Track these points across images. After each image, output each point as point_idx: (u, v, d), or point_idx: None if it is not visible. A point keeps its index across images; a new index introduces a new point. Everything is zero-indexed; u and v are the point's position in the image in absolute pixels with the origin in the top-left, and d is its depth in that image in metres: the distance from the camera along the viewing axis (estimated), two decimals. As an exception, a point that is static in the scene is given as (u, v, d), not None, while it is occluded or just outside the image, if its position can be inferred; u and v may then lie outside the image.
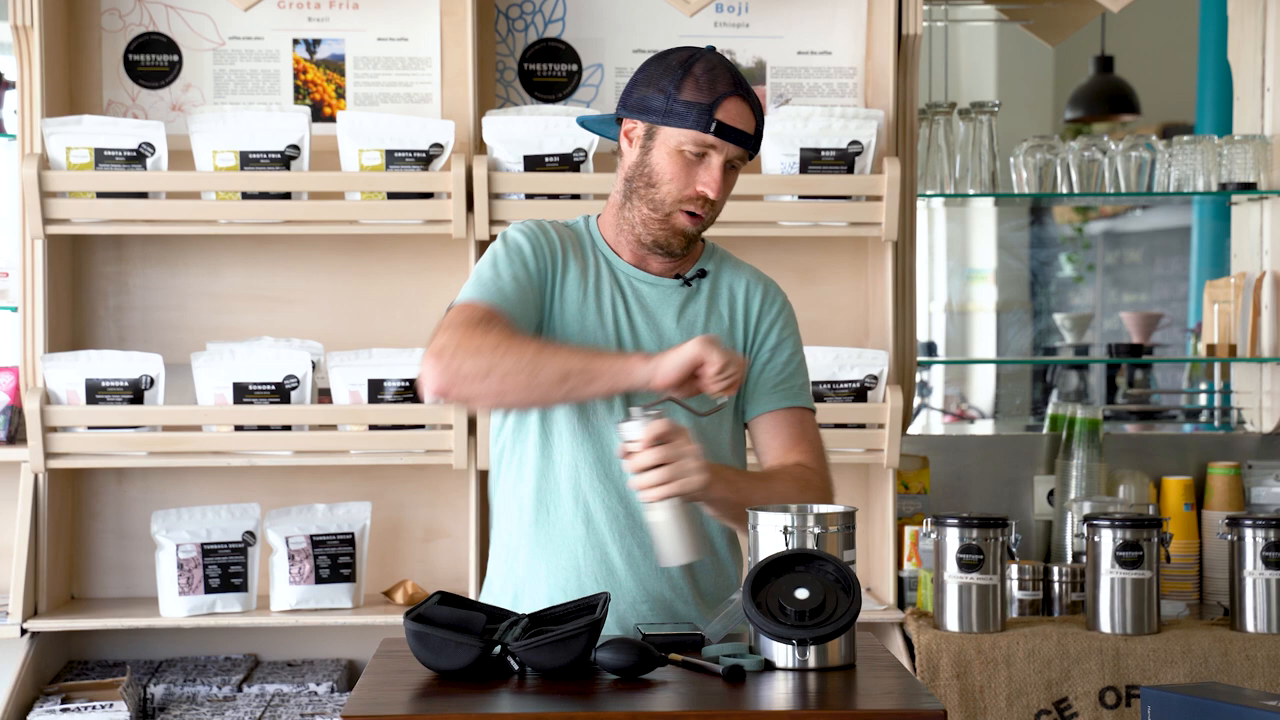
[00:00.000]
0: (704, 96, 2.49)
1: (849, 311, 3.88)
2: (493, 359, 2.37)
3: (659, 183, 2.53)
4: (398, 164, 3.56)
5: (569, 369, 2.38)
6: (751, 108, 2.53)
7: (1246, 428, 4.31)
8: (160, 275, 3.79)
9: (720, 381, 2.36)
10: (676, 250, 2.58)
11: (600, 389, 2.41)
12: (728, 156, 2.52)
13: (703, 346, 2.35)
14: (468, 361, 2.38)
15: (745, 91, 2.53)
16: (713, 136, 2.49)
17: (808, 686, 2.16)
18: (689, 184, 2.52)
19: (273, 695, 3.56)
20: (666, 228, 2.55)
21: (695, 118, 2.49)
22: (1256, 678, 3.35)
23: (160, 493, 3.78)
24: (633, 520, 2.55)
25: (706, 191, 2.52)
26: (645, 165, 2.55)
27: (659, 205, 2.54)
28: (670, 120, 2.51)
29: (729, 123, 2.50)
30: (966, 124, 4.08)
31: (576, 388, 2.40)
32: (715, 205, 2.56)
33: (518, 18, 3.85)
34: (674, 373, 2.36)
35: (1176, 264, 8.63)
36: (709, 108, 2.49)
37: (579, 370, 2.39)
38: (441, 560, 3.81)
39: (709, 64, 2.53)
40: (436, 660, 2.18)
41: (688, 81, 2.51)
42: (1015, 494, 4.05)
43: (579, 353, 2.43)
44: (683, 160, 2.52)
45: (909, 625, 3.51)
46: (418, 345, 3.61)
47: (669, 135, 2.52)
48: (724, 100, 2.50)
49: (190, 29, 3.79)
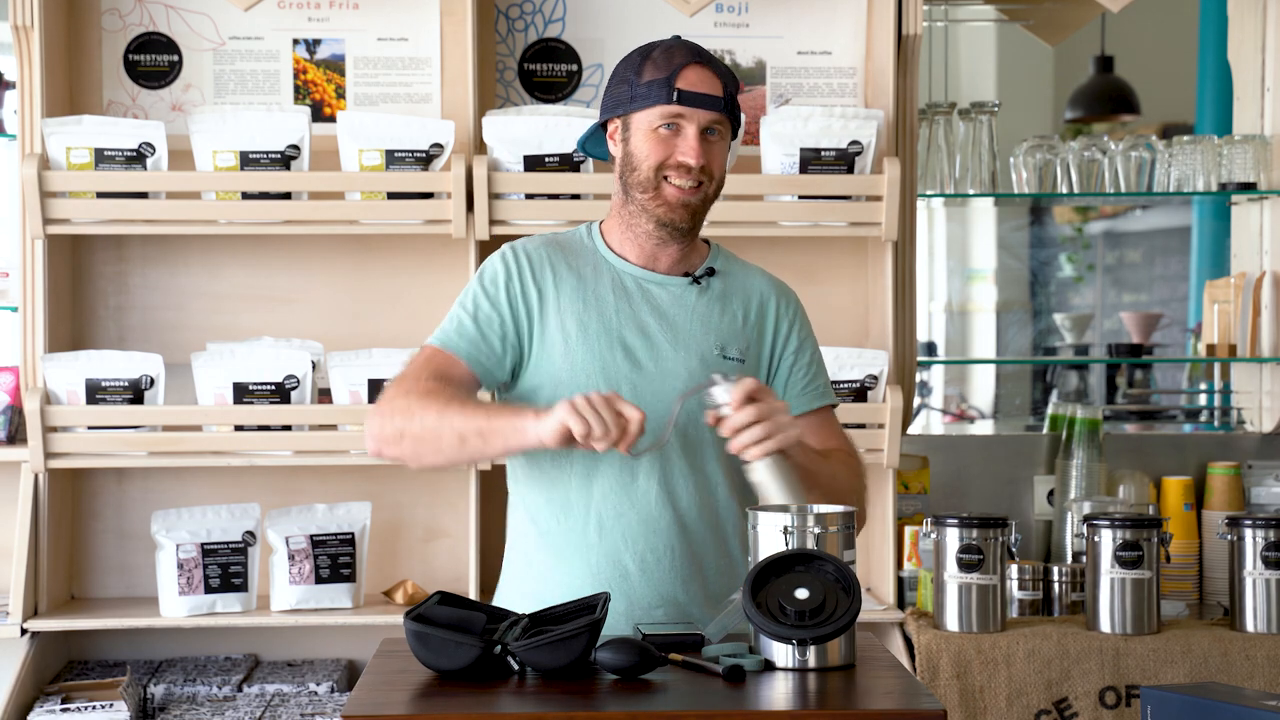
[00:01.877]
0: (662, 71, 2.56)
1: (849, 311, 3.87)
2: (404, 423, 2.50)
3: (639, 164, 2.58)
4: (398, 164, 3.56)
5: (465, 432, 2.47)
6: (716, 73, 2.58)
7: (1246, 428, 4.31)
8: (160, 275, 3.79)
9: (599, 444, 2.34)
10: (681, 225, 2.60)
11: (496, 449, 2.49)
12: (701, 123, 2.56)
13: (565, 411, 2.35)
14: (389, 423, 2.51)
15: (706, 60, 2.58)
16: (677, 105, 2.54)
17: (808, 686, 2.16)
18: (669, 154, 2.57)
19: (273, 695, 3.56)
20: (660, 202, 2.58)
21: (657, 93, 2.55)
22: (1256, 678, 3.35)
23: (160, 493, 3.78)
24: (645, 525, 2.57)
25: (686, 159, 2.55)
26: (628, 155, 2.60)
27: (646, 183, 2.58)
28: (637, 104, 2.57)
29: (690, 89, 2.55)
30: (966, 124, 4.08)
31: (478, 448, 2.48)
32: (707, 174, 2.58)
33: (518, 18, 3.85)
34: (548, 437, 2.38)
35: (1176, 264, 8.63)
36: (668, 80, 2.55)
37: (474, 433, 2.46)
38: (441, 560, 3.81)
39: (666, 45, 2.61)
40: (436, 660, 2.18)
41: (646, 65, 2.58)
42: (1015, 494, 4.05)
43: (479, 414, 2.48)
44: (658, 137, 2.57)
45: (909, 625, 3.51)
46: (418, 345, 3.60)
47: (640, 119, 2.58)
48: (682, 69, 2.56)
49: (190, 29, 3.79)
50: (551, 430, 2.37)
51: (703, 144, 2.56)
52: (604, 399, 2.35)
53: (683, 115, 2.55)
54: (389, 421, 2.51)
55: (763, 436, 2.39)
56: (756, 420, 2.39)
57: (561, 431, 2.36)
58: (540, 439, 2.40)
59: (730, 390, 2.41)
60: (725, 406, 2.42)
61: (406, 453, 2.52)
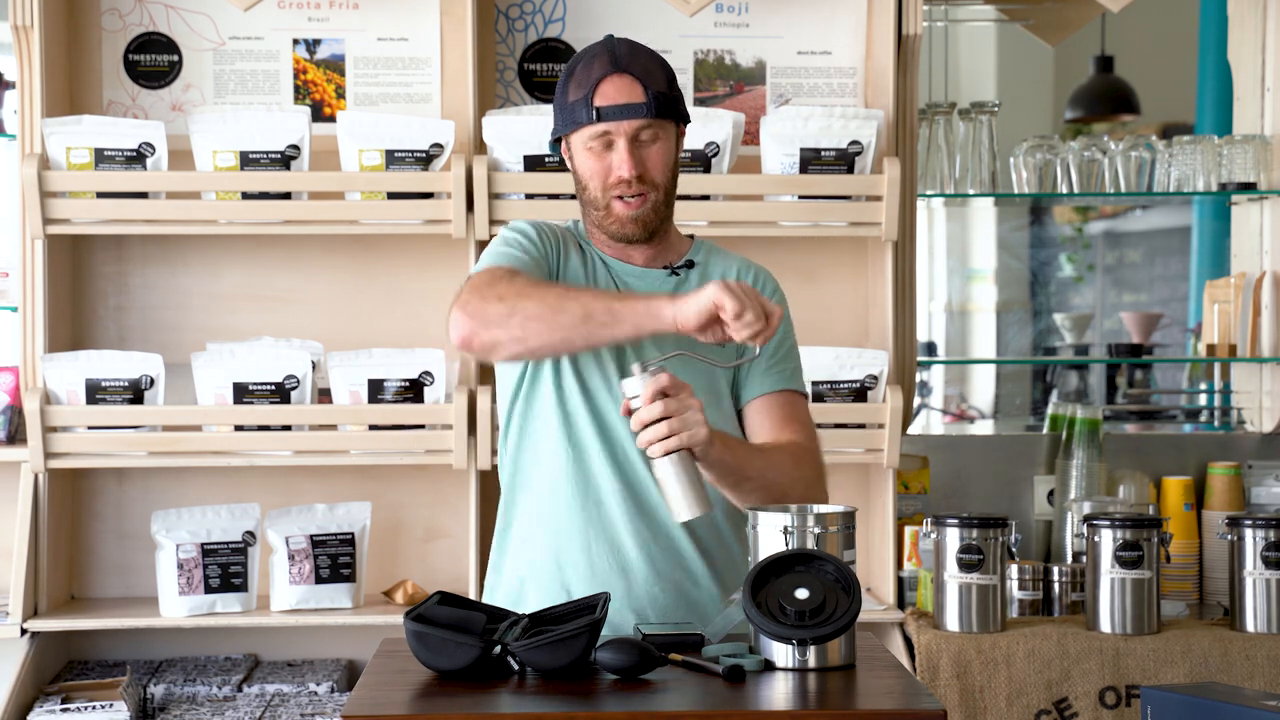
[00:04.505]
0: (581, 90, 2.56)
1: (849, 311, 3.87)
2: (516, 302, 2.40)
3: (586, 183, 2.61)
4: (398, 164, 3.56)
5: (592, 309, 2.39)
6: (636, 76, 2.55)
7: (1246, 428, 4.31)
8: (160, 275, 3.79)
9: (743, 329, 2.33)
10: (636, 236, 2.61)
11: (625, 331, 2.40)
12: (630, 133, 2.55)
13: (718, 290, 2.32)
14: (492, 306, 2.41)
15: (624, 66, 2.55)
16: (600, 124, 2.54)
17: (808, 686, 2.16)
18: (607, 173, 2.57)
19: (273, 695, 3.56)
20: (612, 219, 2.60)
21: (580, 113, 2.56)
22: (1256, 678, 3.35)
23: (160, 493, 3.78)
24: (643, 505, 2.57)
25: (621, 174, 2.56)
26: (576, 174, 2.63)
27: (595, 202, 2.61)
28: (568, 126, 2.59)
29: (609, 103, 2.54)
30: (966, 124, 4.08)
31: (599, 329, 2.39)
32: (648, 182, 2.58)
33: (518, 18, 3.85)
34: (693, 316, 2.34)
35: (1176, 264, 8.63)
36: (586, 99, 2.55)
37: (602, 310, 2.39)
38: (441, 560, 3.81)
39: (589, 56, 2.59)
40: (436, 660, 2.18)
41: (570, 84, 2.59)
42: (1015, 494, 4.04)
43: (604, 295, 2.45)
44: (594, 154, 2.58)
45: (909, 625, 3.51)
46: (418, 345, 3.62)
47: (575, 139, 2.60)
48: (598, 85, 2.55)
49: (190, 29, 3.79)
50: (698, 309, 2.33)
51: (636, 152, 2.56)
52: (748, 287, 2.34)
53: (609, 131, 2.55)
54: (494, 305, 2.41)
55: (667, 434, 2.36)
56: (663, 417, 2.36)
57: (709, 310, 2.32)
58: (677, 321, 2.35)
59: (643, 383, 2.37)
60: (636, 399, 2.38)
61: (512, 333, 2.40)
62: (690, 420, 2.36)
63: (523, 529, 2.64)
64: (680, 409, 2.36)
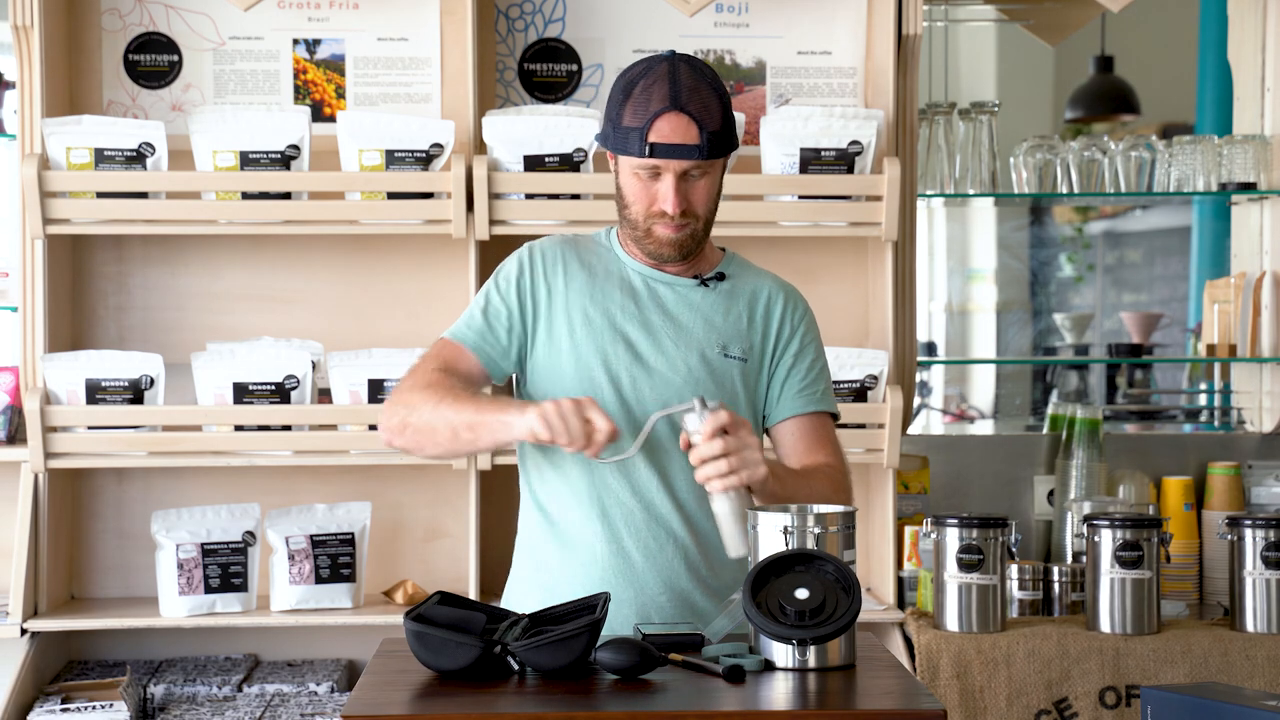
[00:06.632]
0: (637, 120, 2.56)
1: (849, 311, 3.88)
2: (407, 414, 2.56)
3: (630, 203, 2.62)
4: (398, 164, 3.56)
5: (457, 424, 2.52)
6: (692, 116, 2.54)
7: (1246, 428, 4.31)
8: (160, 275, 3.79)
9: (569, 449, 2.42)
10: (671, 257, 2.65)
11: (485, 442, 2.53)
12: (679, 170, 2.56)
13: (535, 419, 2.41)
14: (393, 416, 2.58)
15: (683, 103, 2.54)
16: (651, 160, 2.55)
17: (808, 686, 2.16)
18: (652, 201, 2.59)
19: (273, 695, 3.56)
20: (651, 240, 2.63)
21: (633, 143, 2.56)
22: (1256, 678, 3.35)
23: (160, 493, 3.78)
24: (648, 514, 2.60)
25: (665, 207, 2.58)
26: (618, 188, 2.64)
27: (635, 224, 2.63)
28: (618, 147, 2.60)
29: (663, 141, 2.54)
30: (966, 124, 4.08)
31: (469, 441, 2.53)
32: (691, 215, 2.60)
33: (518, 18, 3.85)
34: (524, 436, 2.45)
35: (1176, 264, 8.63)
36: (641, 132, 2.55)
37: (465, 425, 2.51)
38: (441, 560, 3.81)
39: (649, 81, 2.57)
40: (436, 660, 2.18)
41: (627, 106, 2.58)
42: (1015, 494, 4.04)
43: (469, 407, 2.52)
44: (640, 180, 2.59)
45: (909, 625, 3.51)
46: (418, 345, 3.62)
47: (623, 161, 2.61)
48: (654, 121, 2.54)
49: (190, 29, 3.79)
50: (525, 431, 2.44)
51: (682, 187, 2.57)
52: (575, 405, 2.41)
53: (659, 166, 2.56)
54: (395, 412, 2.58)
55: (728, 471, 2.42)
56: (724, 454, 2.42)
57: (533, 433, 2.42)
58: (520, 436, 2.46)
59: (704, 419, 2.42)
60: (696, 435, 2.43)
61: (410, 443, 2.58)
62: (749, 459, 2.43)
63: (531, 543, 2.70)
64: (740, 446, 2.42)
